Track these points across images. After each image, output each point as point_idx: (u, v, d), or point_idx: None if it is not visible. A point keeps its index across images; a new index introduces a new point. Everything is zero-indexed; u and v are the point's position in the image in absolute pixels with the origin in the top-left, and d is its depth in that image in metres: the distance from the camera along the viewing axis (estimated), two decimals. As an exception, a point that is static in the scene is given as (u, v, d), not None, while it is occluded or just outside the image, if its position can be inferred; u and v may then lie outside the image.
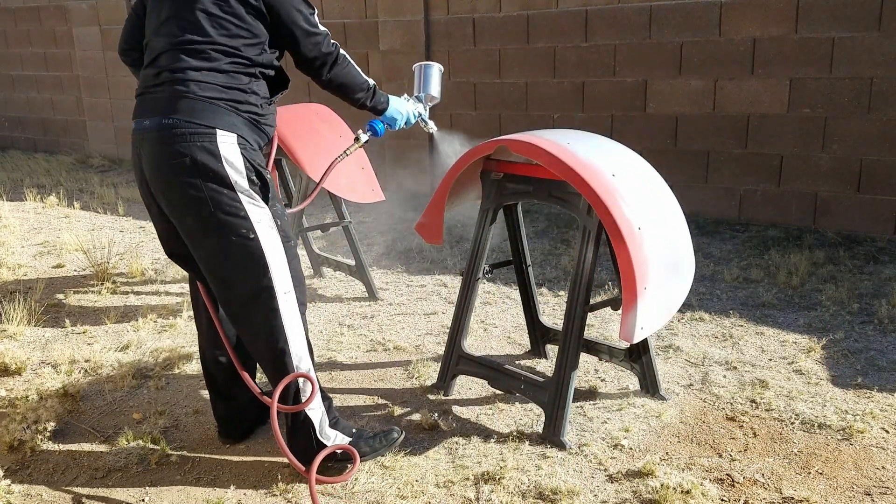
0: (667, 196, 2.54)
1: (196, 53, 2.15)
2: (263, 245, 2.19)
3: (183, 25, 2.17)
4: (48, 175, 7.94)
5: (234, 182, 2.14)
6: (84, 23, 8.47)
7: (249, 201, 2.17)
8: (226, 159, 2.13)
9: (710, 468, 2.40)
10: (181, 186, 2.13)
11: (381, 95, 2.59)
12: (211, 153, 2.11)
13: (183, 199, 2.15)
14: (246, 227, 2.16)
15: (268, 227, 2.20)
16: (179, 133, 2.11)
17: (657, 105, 5.28)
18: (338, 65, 2.39)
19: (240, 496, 2.32)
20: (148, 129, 2.17)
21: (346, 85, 2.44)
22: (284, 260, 2.25)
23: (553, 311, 3.80)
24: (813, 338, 3.34)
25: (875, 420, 2.64)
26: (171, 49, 2.18)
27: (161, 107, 2.15)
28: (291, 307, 2.26)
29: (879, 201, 4.68)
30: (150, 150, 2.17)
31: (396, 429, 2.53)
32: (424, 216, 2.94)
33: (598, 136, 2.76)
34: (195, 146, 2.11)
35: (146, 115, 2.18)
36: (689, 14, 5.02)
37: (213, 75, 2.15)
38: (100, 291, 4.26)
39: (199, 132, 2.11)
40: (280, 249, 2.23)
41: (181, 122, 2.11)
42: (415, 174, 6.49)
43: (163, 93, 2.16)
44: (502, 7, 5.74)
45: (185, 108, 2.12)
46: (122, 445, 2.61)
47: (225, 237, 2.16)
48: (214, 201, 2.13)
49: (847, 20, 4.54)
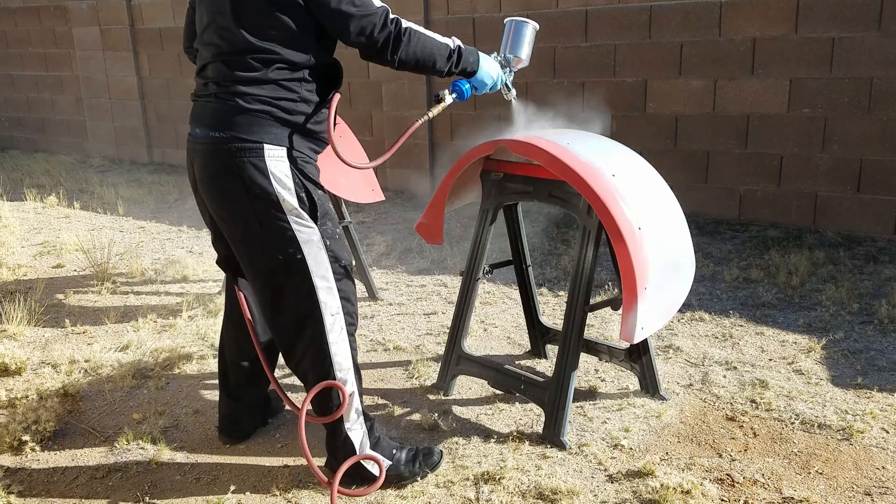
0: (667, 196, 2.54)
1: (238, 64, 2.08)
2: (310, 265, 2.13)
3: (222, 34, 2.10)
4: (48, 175, 7.93)
5: (282, 200, 2.08)
6: (84, 23, 8.47)
7: (297, 220, 2.11)
8: (274, 176, 2.07)
9: (710, 468, 2.40)
10: (229, 203, 2.11)
11: (470, 54, 2.33)
12: (259, 170, 2.06)
13: (231, 215, 2.14)
14: (293, 247, 2.11)
15: (316, 248, 2.14)
16: (227, 149, 2.07)
17: (657, 105, 5.28)
18: (402, 44, 2.14)
19: (240, 497, 2.32)
20: (199, 140, 2.14)
21: (421, 61, 2.20)
22: (332, 281, 2.18)
23: (553, 311, 3.80)
24: (813, 338, 3.34)
25: (875, 420, 2.64)
26: (214, 60, 2.13)
27: (209, 119, 2.11)
28: (339, 330, 2.21)
29: (879, 201, 4.68)
30: (202, 163, 2.15)
31: (437, 450, 2.44)
32: (424, 216, 2.94)
33: (598, 136, 2.76)
34: (243, 162, 2.06)
35: (198, 125, 2.15)
36: (689, 14, 5.02)
37: (258, 86, 2.08)
38: (100, 291, 4.26)
39: (246, 148, 2.06)
40: (328, 270, 2.17)
41: (229, 137, 2.07)
42: (415, 174, 6.49)
43: (211, 104, 2.12)
44: (502, 7, 5.74)
45: (232, 122, 2.07)
46: (122, 445, 2.61)
47: (271, 256, 2.12)
48: (261, 219, 2.09)
49: (847, 20, 4.54)
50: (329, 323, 2.18)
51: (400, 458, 2.36)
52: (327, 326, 2.18)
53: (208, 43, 2.14)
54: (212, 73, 2.14)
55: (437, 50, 2.23)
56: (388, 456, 2.34)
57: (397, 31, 2.13)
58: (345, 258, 2.25)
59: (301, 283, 2.15)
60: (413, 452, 2.39)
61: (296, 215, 2.11)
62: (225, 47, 2.10)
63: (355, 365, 2.28)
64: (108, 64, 8.40)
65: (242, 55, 2.07)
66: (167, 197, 6.72)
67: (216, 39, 2.12)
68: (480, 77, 2.39)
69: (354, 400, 2.27)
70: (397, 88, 6.38)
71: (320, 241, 2.16)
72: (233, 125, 2.07)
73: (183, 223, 5.81)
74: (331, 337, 2.19)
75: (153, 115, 8.27)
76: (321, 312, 2.17)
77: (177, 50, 7.80)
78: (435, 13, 6.08)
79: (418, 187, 6.47)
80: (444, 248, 4.84)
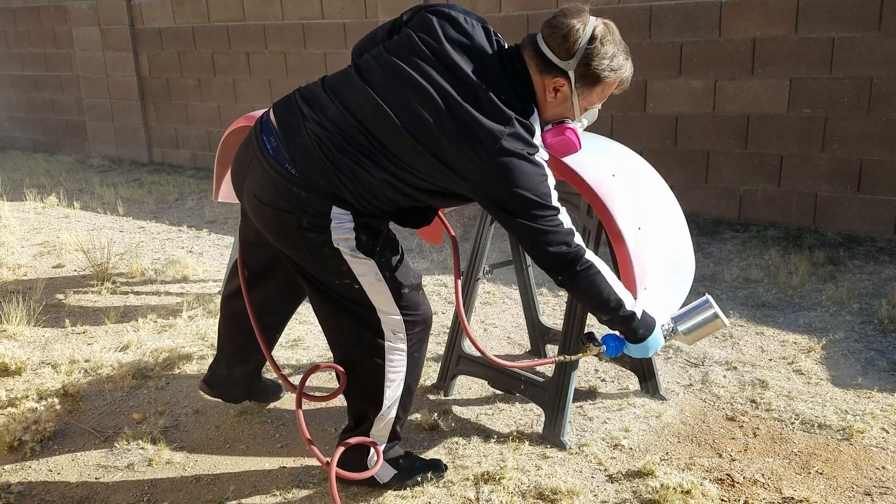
0: (667, 196, 2.54)
1: (366, 151, 1.94)
2: (368, 294, 2.07)
3: (374, 123, 1.93)
4: (48, 175, 7.93)
5: (337, 245, 2.01)
6: (84, 23, 8.47)
7: (352, 258, 2.03)
8: (334, 227, 1.98)
9: (710, 468, 2.40)
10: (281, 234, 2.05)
11: (642, 326, 2.08)
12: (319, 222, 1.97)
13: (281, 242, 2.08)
14: (349, 278, 2.05)
15: (373, 278, 2.07)
16: (294, 193, 1.96)
17: (657, 105, 5.28)
18: (573, 279, 1.99)
19: (240, 497, 2.32)
20: (269, 158, 2.00)
21: (585, 300, 2.10)
22: (394, 306, 2.10)
23: (553, 311, 3.80)
24: (813, 338, 3.34)
25: (875, 420, 2.64)
26: (344, 120, 1.96)
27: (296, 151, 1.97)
28: (398, 356, 2.17)
29: (879, 201, 4.68)
30: (261, 184, 2.03)
31: (443, 463, 2.42)
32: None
33: (598, 136, 2.76)
34: (305, 210, 1.97)
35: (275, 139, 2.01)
36: (689, 14, 5.02)
37: (364, 175, 1.95)
38: (100, 291, 4.26)
39: (313, 200, 1.96)
40: (389, 299, 2.09)
41: (301, 182, 1.95)
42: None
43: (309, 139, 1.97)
44: (502, 7, 5.74)
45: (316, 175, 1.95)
46: (122, 445, 2.61)
47: (327, 281, 2.08)
48: (314, 255, 2.03)
49: (847, 20, 4.54)
50: (388, 352, 2.15)
51: (404, 466, 2.36)
52: (386, 355, 2.15)
53: (353, 110, 1.96)
54: (338, 122, 1.96)
55: (604, 303, 2.02)
56: (395, 465, 2.34)
57: (572, 267, 1.97)
58: (410, 282, 2.15)
59: (360, 306, 2.10)
60: (418, 462, 2.39)
61: (351, 255, 2.03)
62: (357, 141, 1.94)
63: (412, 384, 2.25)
64: (108, 64, 8.40)
65: (377, 155, 1.94)
66: (167, 197, 6.72)
67: (355, 126, 1.94)
68: (640, 349, 2.13)
69: (391, 412, 2.25)
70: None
71: (378, 273, 2.07)
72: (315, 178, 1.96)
73: (183, 223, 5.81)
74: (388, 365, 2.17)
75: (153, 115, 8.27)
76: (382, 331, 2.13)
77: (177, 50, 7.80)
78: (435, 13, 6.07)
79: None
80: (444, 248, 4.84)
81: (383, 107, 1.93)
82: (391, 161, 1.95)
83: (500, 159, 1.87)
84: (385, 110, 1.92)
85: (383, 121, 1.93)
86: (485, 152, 1.87)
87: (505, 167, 1.87)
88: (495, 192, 1.91)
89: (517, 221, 1.93)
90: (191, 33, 7.65)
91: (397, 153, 1.94)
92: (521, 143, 1.90)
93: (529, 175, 1.90)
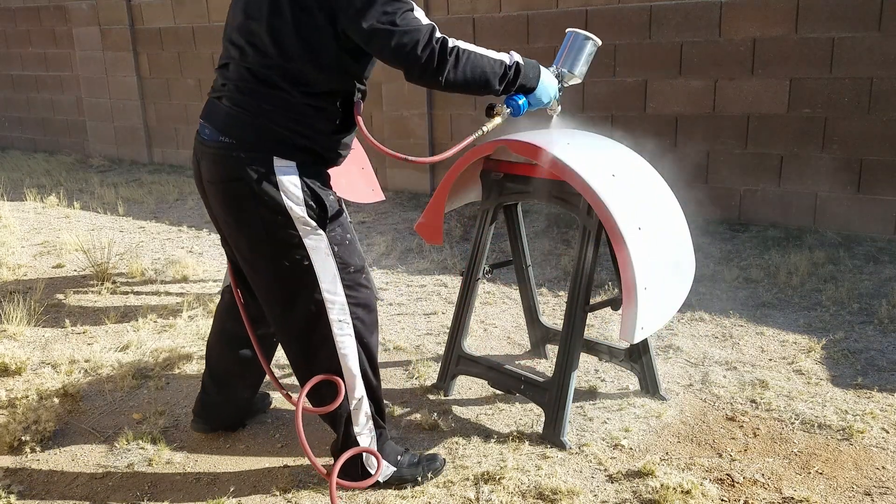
0: (667, 196, 2.54)
1: (261, 76, 2.04)
2: (318, 273, 2.12)
3: (252, 40, 2.05)
4: (48, 175, 7.94)
5: (290, 209, 2.06)
6: (84, 23, 8.47)
7: (305, 228, 2.09)
8: (282, 185, 2.05)
9: (710, 468, 2.40)
10: (235, 208, 2.10)
11: (530, 69, 2.19)
12: (267, 179, 2.04)
13: (237, 220, 2.12)
14: (300, 254, 2.10)
15: (323, 255, 2.12)
16: (236, 156, 2.05)
17: (657, 105, 5.28)
18: (449, 63, 2.00)
19: (240, 496, 2.32)
20: (207, 142, 2.12)
21: (472, 82, 2.06)
22: (340, 288, 2.15)
23: (553, 311, 3.80)
24: (813, 338, 3.34)
25: (875, 420, 2.64)
26: (239, 63, 2.09)
27: (221, 122, 2.09)
28: (346, 337, 2.19)
29: (879, 201, 4.68)
30: (208, 167, 2.13)
31: (441, 457, 2.43)
32: (424, 216, 2.94)
33: (598, 136, 2.76)
34: (251, 170, 2.04)
35: (208, 124, 2.13)
36: (689, 14, 5.02)
37: (279, 103, 2.04)
38: (100, 291, 4.26)
39: (256, 157, 2.04)
40: (335, 277, 2.14)
41: (238, 143, 2.05)
42: (415, 174, 6.49)
43: (225, 107, 2.10)
44: (502, 7, 5.74)
45: (245, 131, 2.05)
46: (122, 445, 2.61)
47: (277, 262, 2.11)
48: (268, 227, 2.08)
49: (847, 20, 4.54)
50: (336, 329, 2.17)
51: (403, 462, 2.36)
52: (335, 332, 2.17)
53: (236, 44, 2.10)
54: (234, 75, 2.10)
55: (490, 68, 2.09)
56: (393, 462, 2.34)
57: (442, 49, 1.98)
58: (356, 263, 2.21)
59: (308, 290, 2.14)
60: (417, 458, 2.40)
61: (303, 223, 2.09)
62: (252, 56, 2.06)
63: (371, 371, 2.26)
64: (108, 64, 8.40)
65: (269, 68, 2.03)
66: (167, 197, 6.72)
67: (245, 44, 2.07)
68: (539, 94, 2.25)
69: (364, 405, 2.26)
70: (397, 89, 6.38)
71: (328, 247, 2.13)
72: (244, 134, 2.05)
73: (183, 223, 5.81)
74: (338, 342, 2.18)
75: (153, 115, 8.27)
76: (328, 319, 2.16)
77: (177, 50, 7.80)
78: (435, 13, 6.08)
79: (418, 187, 6.47)
80: (444, 248, 4.84)
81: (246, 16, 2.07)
82: (281, 58, 2.01)
83: None
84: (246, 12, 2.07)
85: (255, 20, 2.04)
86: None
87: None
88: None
89: (383, 30, 1.93)
90: (191, 33, 7.65)
91: (279, 43, 2.01)
92: None
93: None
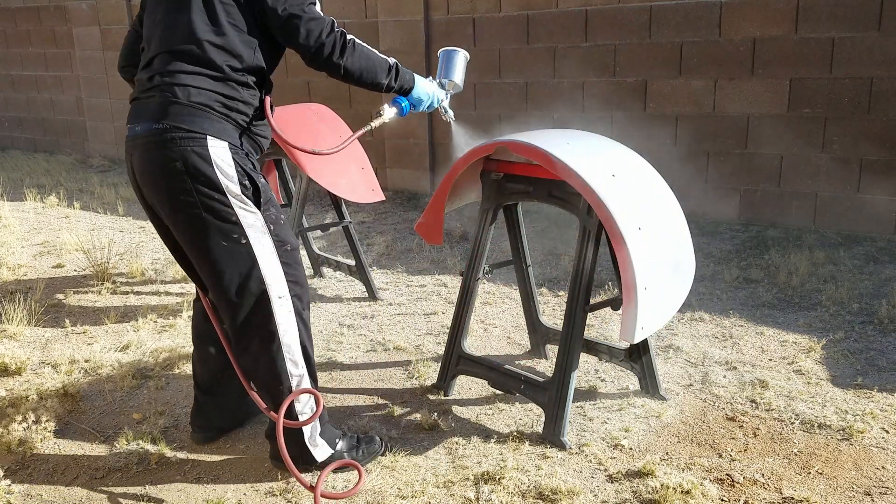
0: (667, 196, 2.54)
1: (188, 57, 2.13)
2: (255, 249, 2.18)
3: (176, 27, 2.15)
4: (48, 175, 7.93)
5: (225, 187, 2.13)
6: (84, 23, 8.47)
7: (240, 206, 2.16)
8: (216, 164, 2.12)
9: (710, 468, 2.40)
10: (172, 191, 2.13)
11: (406, 73, 2.46)
12: (202, 157, 2.10)
13: (174, 203, 2.15)
14: (237, 231, 2.16)
15: (260, 233, 2.20)
16: (170, 138, 2.10)
17: (657, 105, 5.28)
18: (348, 50, 2.23)
19: (240, 496, 2.32)
20: (140, 135, 2.16)
21: (365, 71, 2.29)
22: (278, 264, 2.23)
23: (553, 311, 3.80)
24: (813, 338, 3.34)
25: (875, 420, 2.64)
26: (163, 52, 2.16)
27: (152, 112, 2.13)
28: (286, 312, 2.25)
29: (879, 201, 4.68)
30: (142, 156, 2.16)
31: (378, 439, 2.50)
32: (424, 216, 2.94)
33: (598, 136, 2.76)
34: (186, 150, 2.10)
35: (138, 122, 2.17)
36: (689, 14, 5.02)
37: (205, 80, 2.13)
38: (100, 291, 4.26)
39: (189, 137, 2.10)
40: (273, 254, 2.22)
41: (172, 127, 2.10)
42: (415, 174, 6.49)
43: (155, 98, 2.15)
44: (502, 7, 5.74)
45: (176, 113, 2.10)
46: (122, 445, 2.61)
47: (216, 241, 2.16)
48: (205, 206, 2.13)
49: (847, 20, 4.54)
50: (276, 306, 2.22)
51: (343, 446, 2.42)
52: (274, 309, 2.22)
53: (160, 37, 2.18)
54: (158, 65, 2.16)
55: (379, 63, 2.33)
56: (331, 444, 2.40)
57: (342, 38, 2.21)
58: (291, 242, 2.30)
59: (247, 267, 2.18)
60: (355, 440, 2.46)
61: (239, 201, 2.15)
62: (176, 40, 2.14)
63: (304, 349, 2.32)
64: (108, 64, 8.40)
65: (195, 48, 2.12)
66: (167, 197, 6.72)
67: (169, 33, 2.16)
68: (417, 94, 2.50)
69: (305, 381, 2.31)
70: (397, 88, 6.38)
71: (264, 225, 2.21)
72: (176, 116, 2.11)
73: (183, 223, 5.81)
74: (278, 318, 2.23)
75: (153, 115, 8.27)
76: (268, 295, 2.21)
77: (177, 50, 7.80)
78: (435, 13, 6.08)
79: (418, 187, 6.47)
80: (444, 248, 4.84)
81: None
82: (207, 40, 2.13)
83: None
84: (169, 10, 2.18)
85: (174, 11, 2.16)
86: None
87: None
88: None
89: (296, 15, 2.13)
90: (191, 33, 7.64)
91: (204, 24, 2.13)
92: None
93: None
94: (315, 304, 3.99)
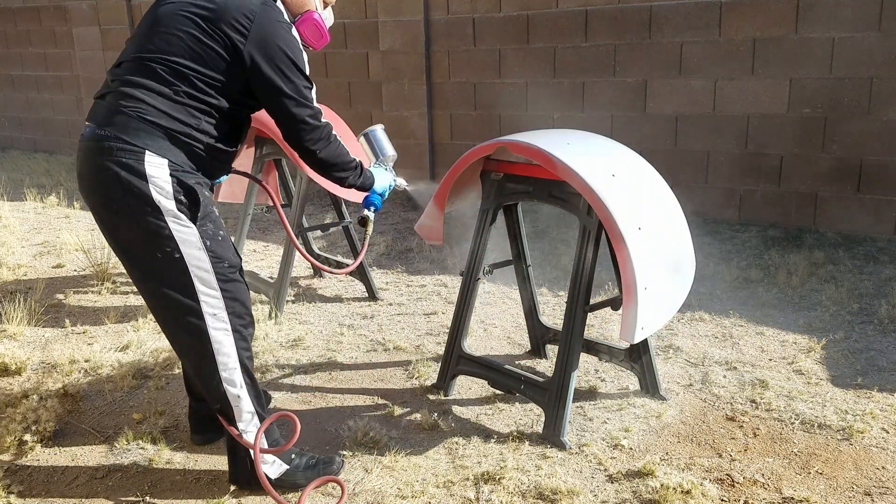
0: (667, 196, 2.55)
1: (154, 72, 2.09)
2: (189, 265, 2.12)
3: (154, 39, 2.11)
4: (48, 175, 7.94)
5: (158, 201, 2.06)
6: (84, 23, 8.48)
7: (174, 220, 2.09)
8: (151, 178, 2.05)
9: (710, 468, 2.40)
10: (108, 200, 2.09)
11: (367, 171, 2.54)
12: (135, 171, 2.04)
13: (108, 214, 2.12)
14: (170, 245, 2.10)
15: (195, 248, 2.13)
16: (108, 147, 2.05)
17: (657, 105, 5.28)
18: (331, 143, 2.30)
19: (239, 497, 2.32)
20: (85, 137, 2.12)
21: (337, 165, 2.36)
22: (214, 281, 2.16)
23: (553, 311, 3.80)
24: (813, 338, 3.34)
25: (875, 420, 2.64)
26: (133, 58, 2.12)
27: (101, 117, 2.10)
28: (220, 329, 2.19)
29: (879, 201, 4.68)
30: (82, 160, 2.12)
31: (338, 459, 2.44)
32: (424, 216, 2.94)
33: (598, 136, 2.76)
34: (122, 161, 2.04)
35: (89, 123, 2.13)
36: (689, 14, 5.02)
37: (162, 100, 2.08)
38: (100, 291, 4.26)
39: (126, 149, 2.04)
40: (207, 271, 2.15)
41: (113, 136, 2.05)
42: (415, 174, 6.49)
43: (109, 101, 2.11)
44: (502, 7, 5.74)
45: (122, 124, 2.06)
46: (122, 445, 2.61)
47: (150, 253, 2.12)
48: (138, 218, 2.08)
49: (847, 20, 4.54)
50: (210, 321, 2.18)
51: (299, 464, 2.36)
52: (208, 324, 2.17)
53: (137, 43, 2.15)
54: (124, 69, 2.13)
55: (348, 161, 2.40)
56: (287, 461, 2.34)
57: (328, 129, 2.29)
58: (230, 259, 2.22)
59: (178, 282, 2.14)
60: (314, 461, 2.39)
61: (173, 216, 2.09)
62: (149, 49, 2.11)
63: (243, 366, 2.26)
64: (108, 64, 8.40)
65: (165, 64, 2.09)
66: (167, 197, 6.72)
67: (146, 42, 2.13)
68: (380, 189, 2.61)
69: (244, 402, 2.25)
70: (397, 88, 6.39)
71: (200, 240, 2.14)
72: (121, 126, 2.06)
73: (183, 223, 5.81)
74: (213, 334, 2.19)
75: (153, 115, 8.27)
76: (201, 311, 2.16)
77: (177, 50, 7.80)
78: (435, 13, 6.08)
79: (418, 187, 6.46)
80: (444, 248, 4.84)
81: (156, 22, 2.17)
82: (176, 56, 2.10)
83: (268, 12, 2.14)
84: (157, 22, 2.16)
85: (159, 29, 2.14)
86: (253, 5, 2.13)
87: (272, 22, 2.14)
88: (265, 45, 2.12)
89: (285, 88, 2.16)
90: (191, 33, 7.64)
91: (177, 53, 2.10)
92: (278, 13, 2.18)
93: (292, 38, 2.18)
94: (315, 304, 3.99)
